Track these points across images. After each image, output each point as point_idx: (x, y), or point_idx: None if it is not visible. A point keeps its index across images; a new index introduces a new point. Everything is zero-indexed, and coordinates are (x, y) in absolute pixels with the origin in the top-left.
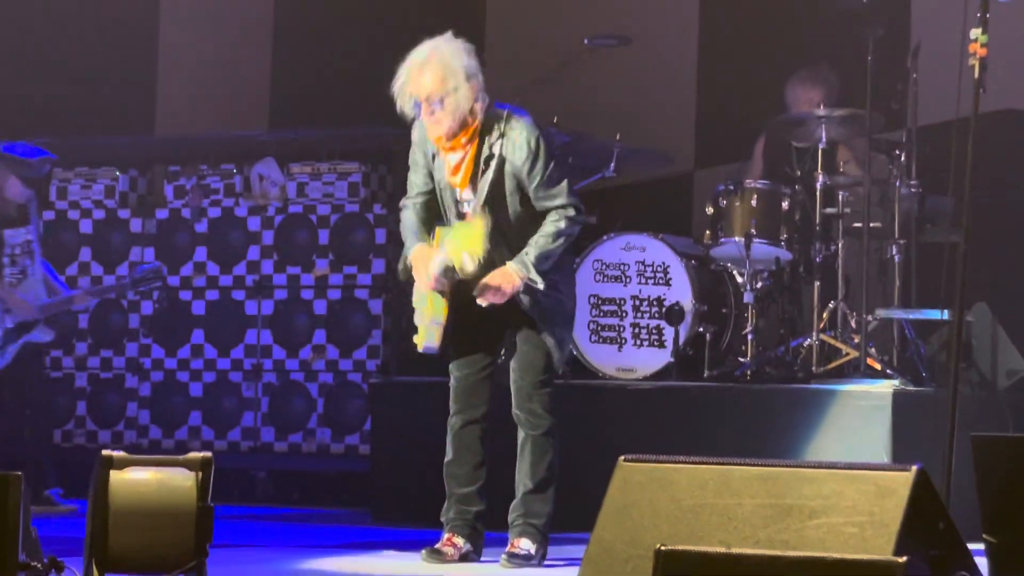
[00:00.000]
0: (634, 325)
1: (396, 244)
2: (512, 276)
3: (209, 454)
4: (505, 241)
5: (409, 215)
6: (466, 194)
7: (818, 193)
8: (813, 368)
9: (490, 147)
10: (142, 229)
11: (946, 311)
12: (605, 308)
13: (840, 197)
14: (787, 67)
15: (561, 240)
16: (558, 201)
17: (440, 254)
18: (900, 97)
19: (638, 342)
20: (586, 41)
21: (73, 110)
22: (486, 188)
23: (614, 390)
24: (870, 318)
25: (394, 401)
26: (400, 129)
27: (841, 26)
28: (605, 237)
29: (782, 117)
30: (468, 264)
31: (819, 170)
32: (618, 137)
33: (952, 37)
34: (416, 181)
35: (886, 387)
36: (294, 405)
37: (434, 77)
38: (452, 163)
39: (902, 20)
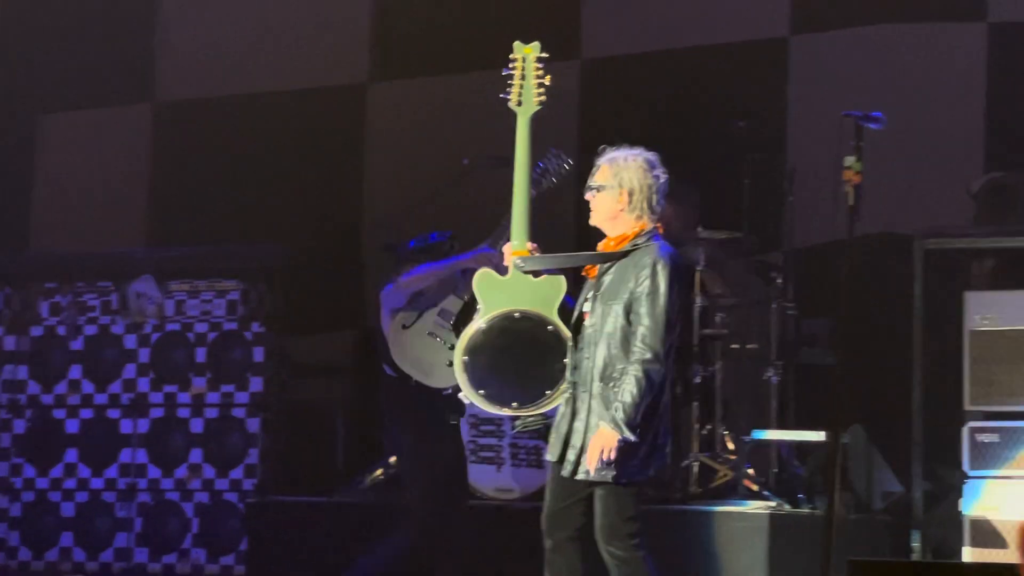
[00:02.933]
0: (513, 445)
1: (274, 362)
2: (611, 439)
3: None
4: (597, 343)
5: None
6: (590, 291)
7: (696, 314)
8: (691, 489)
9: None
10: (16, 346)
11: (823, 433)
12: (483, 428)
13: (718, 319)
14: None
15: (644, 391)
16: (643, 328)
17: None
18: (776, 220)
19: (517, 462)
20: (465, 161)
21: None
22: (604, 286)
23: (491, 511)
24: (747, 439)
25: (271, 521)
26: (277, 245)
27: (717, 149)
28: None
29: None
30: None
31: (697, 291)
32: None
33: (827, 161)
34: None
35: (763, 509)
36: (169, 525)
37: (602, 171)
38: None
39: (778, 144)
